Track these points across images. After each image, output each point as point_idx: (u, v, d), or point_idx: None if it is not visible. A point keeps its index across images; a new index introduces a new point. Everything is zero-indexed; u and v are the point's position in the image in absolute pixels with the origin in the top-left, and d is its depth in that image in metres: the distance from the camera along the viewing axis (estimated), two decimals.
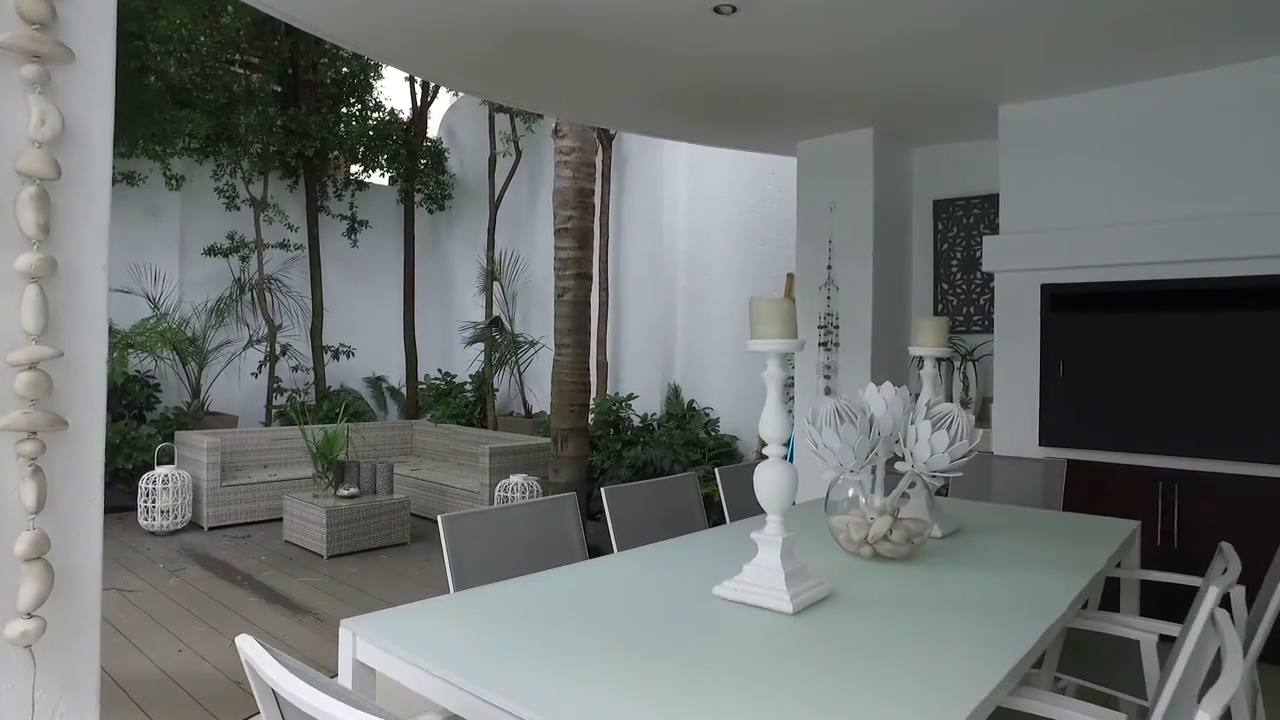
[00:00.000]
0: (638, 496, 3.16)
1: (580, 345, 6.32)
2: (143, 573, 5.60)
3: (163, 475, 6.60)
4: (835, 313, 5.90)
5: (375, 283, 10.32)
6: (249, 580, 5.46)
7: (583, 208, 6.32)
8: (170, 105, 7.28)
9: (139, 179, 8.08)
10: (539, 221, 9.24)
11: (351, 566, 5.84)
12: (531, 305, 9.06)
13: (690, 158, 8.07)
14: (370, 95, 9.62)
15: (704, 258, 7.96)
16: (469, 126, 10.40)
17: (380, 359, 10.25)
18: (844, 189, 5.85)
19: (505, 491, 6.59)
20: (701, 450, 7.26)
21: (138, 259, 8.31)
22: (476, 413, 8.84)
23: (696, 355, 7.99)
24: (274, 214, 8.96)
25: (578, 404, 6.26)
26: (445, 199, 10.18)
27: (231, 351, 8.61)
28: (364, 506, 6.19)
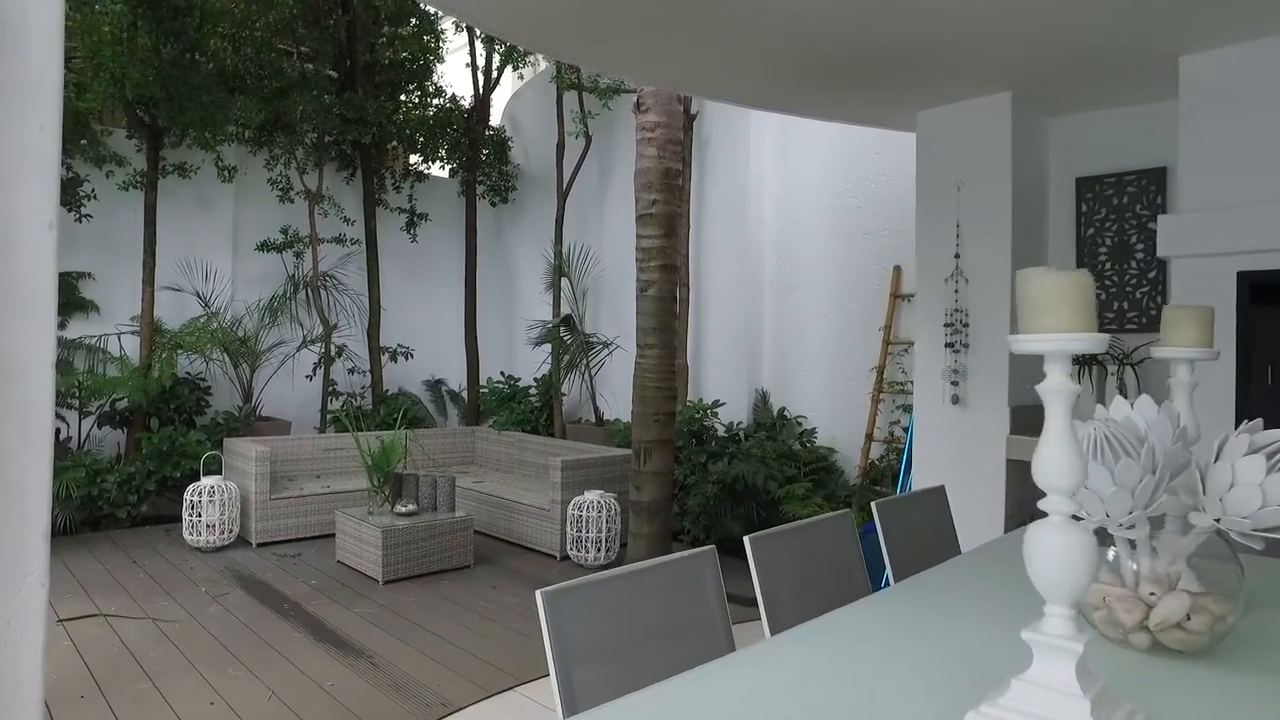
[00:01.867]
0: (786, 546, 2.39)
1: (666, 346, 5.58)
2: (183, 597, 5.04)
3: (209, 487, 6.07)
4: (964, 309, 5.06)
5: (434, 280, 9.75)
6: (296, 610, 4.85)
7: (669, 190, 5.58)
8: (220, 88, 6.77)
9: (190, 170, 7.62)
10: (609, 213, 8.55)
11: (409, 594, 5.20)
12: (602, 303, 8.37)
13: (778, 141, 7.28)
14: (430, 81, 9.05)
15: (794, 251, 7.16)
16: (534, 114, 9.76)
17: (439, 361, 9.66)
18: (975, 165, 5.01)
19: (579, 509, 5.89)
20: (796, 464, 6.46)
21: (188, 254, 7.85)
22: (542, 419, 8.17)
23: (787, 358, 7.19)
24: (329, 206, 8.43)
25: (663, 413, 5.53)
26: (509, 190, 9.55)
27: (285, 353, 8.11)
28: (423, 526, 5.55)
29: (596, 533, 5.84)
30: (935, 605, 2.10)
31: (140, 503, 6.85)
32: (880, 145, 6.56)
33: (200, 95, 6.61)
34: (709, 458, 6.74)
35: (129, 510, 6.74)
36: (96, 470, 6.55)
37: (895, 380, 6.36)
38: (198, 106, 6.65)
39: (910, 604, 2.14)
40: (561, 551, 6.08)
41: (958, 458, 5.06)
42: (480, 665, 4.07)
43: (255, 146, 8.14)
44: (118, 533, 6.65)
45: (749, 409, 7.27)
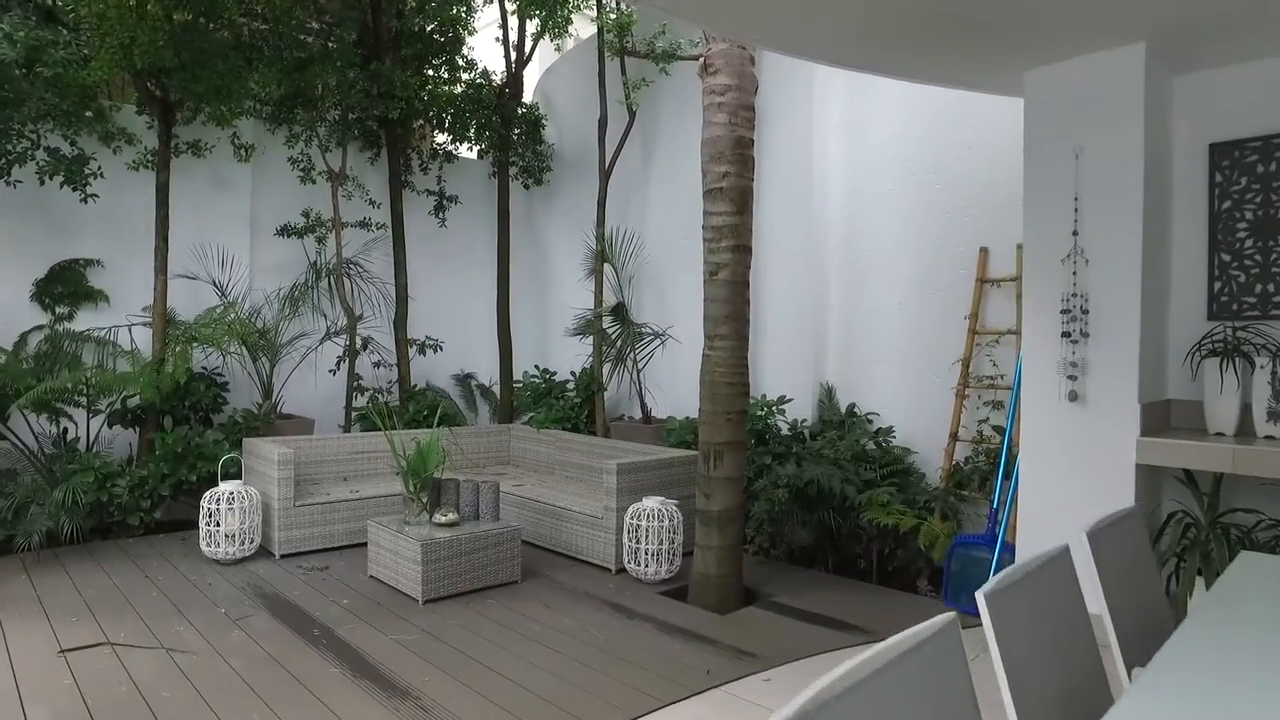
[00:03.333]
0: (1026, 599, 1.78)
1: (738, 337, 4.97)
2: (200, 620, 4.47)
3: (227, 493, 5.51)
4: (1084, 293, 4.42)
5: (463, 267, 9.16)
6: (327, 636, 4.27)
7: (741, 162, 4.96)
8: (236, 55, 6.17)
9: (205, 148, 7.05)
10: (654, 194, 7.93)
11: (454, 616, 4.62)
12: (645, 291, 7.75)
13: (846, 112, 6.63)
14: (460, 54, 8.44)
15: (865, 233, 6.52)
16: (569, 90, 9.14)
17: (469, 353, 9.08)
18: (1098, 130, 4.37)
19: (637, 518, 5.29)
20: (872, 466, 5.84)
21: (203, 239, 7.28)
22: (583, 416, 7.58)
23: (856, 351, 6.56)
24: (353, 188, 7.84)
25: (735, 412, 4.92)
26: (543, 171, 8.93)
27: (307, 345, 7.54)
28: (467, 538, 4.97)
29: (657, 544, 5.25)
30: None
31: (154, 509, 6.30)
32: (962, 114, 5.92)
33: (214, 63, 6.03)
34: (774, 459, 6.13)
35: (141, 517, 6.20)
36: (106, 474, 6.01)
37: (984, 374, 5.73)
38: (212, 75, 6.06)
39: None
40: (617, 564, 5.50)
41: (1075, 463, 4.44)
42: (547, 710, 3.48)
43: (274, 124, 7.55)
44: (129, 542, 6.11)
45: (813, 406, 6.65)
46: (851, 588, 5.38)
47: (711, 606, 4.87)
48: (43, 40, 5.25)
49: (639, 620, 4.63)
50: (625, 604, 4.91)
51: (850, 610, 4.85)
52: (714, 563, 4.93)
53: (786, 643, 4.33)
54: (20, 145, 6.05)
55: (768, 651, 4.18)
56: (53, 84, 5.77)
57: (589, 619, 4.61)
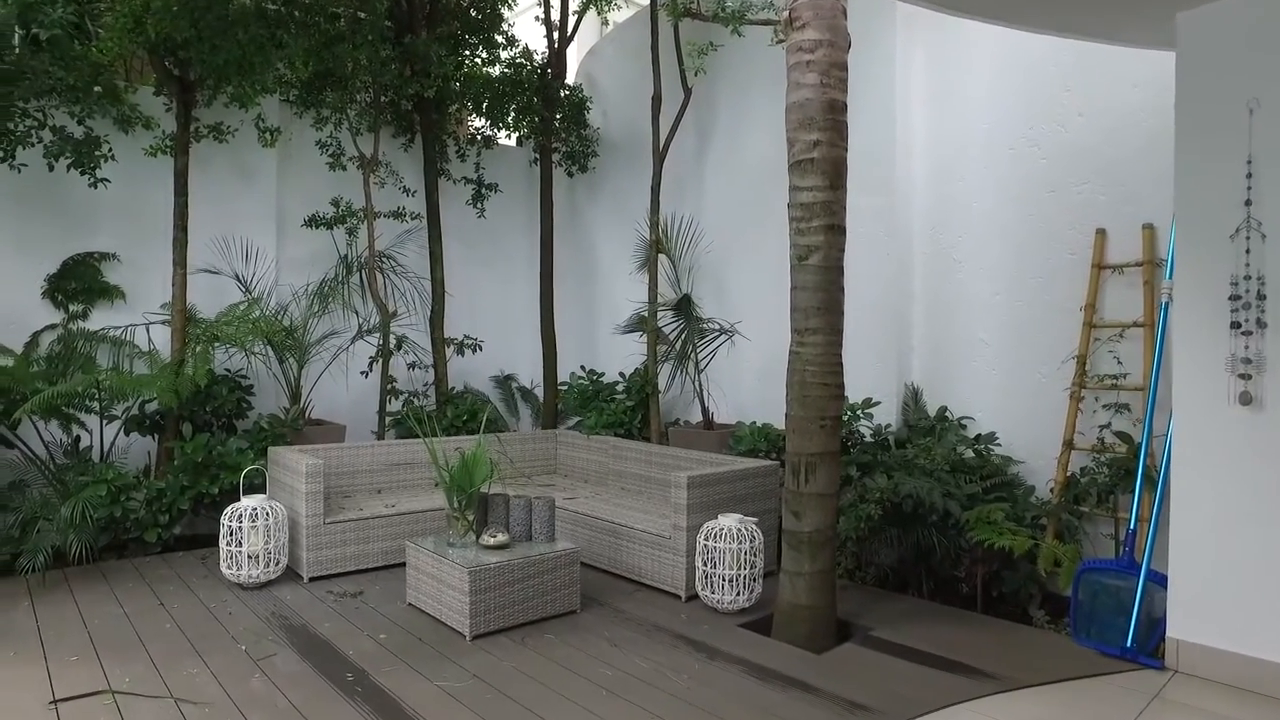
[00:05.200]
0: None
1: (832, 331, 4.29)
2: (217, 660, 3.87)
3: (250, 509, 4.92)
4: (1260, 274, 3.70)
5: (503, 260, 8.56)
6: (362, 682, 3.65)
7: (834, 129, 4.28)
8: (259, 23, 5.59)
9: (227, 132, 6.51)
10: (710, 179, 7.26)
11: (507, 655, 3.98)
12: (702, 284, 7.08)
13: (931, 80, 5.93)
14: (498, 32, 7.84)
15: (953, 215, 5.81)
16: (614, 71, 8.51)
17: (509, 353, 8.47)
18: None
19: (711, 538, 4.62)
20: (972, 478, 5.13)
21: (226, 231, 6.73)
22: (636, 421, 6.92)
23: (945, 347, 5.84)
24: (386, 174, 7.26)
25: (829, 417, 4.24)
26: (588, 157, 8.30)
27: (337, 345, 6.96)
28: (520, 563, 4.33)
29: (735, 569, 4.58)
30: None
31: (172, 524, 5.75)
32: (1073, 77, 5.19)
33: (235, 32, 5.45)
34: (859, 470, 5.44)
35: (159, 534, 5.65)
36: (121, 486, 5.46)
37: (1105, 373, 4.99)
38: (233, 45, 5.49)
39: None
40: (688, 589, 4.83)
41: (1247, 476, 3.72)
42: None
43: (301, 107, 7.00)
44: (146, 561, 5.56)
45: (897, 409, 5.94)
46: (956, 618, 4.67)
47: (802, 643, 4.19)
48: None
49: (722, 661, 3.96)
50: (703, 640, 4.24)
51: (964, 647, 4.14)
52: (804, 591, 4.25)
53: (901, 690, 3.64)
54: (24, 124, 5.52)
55: (883, 703, 3.50)
56: (56, 55, 5.24)
57: (665, 660, 3.95)
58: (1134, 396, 4.82)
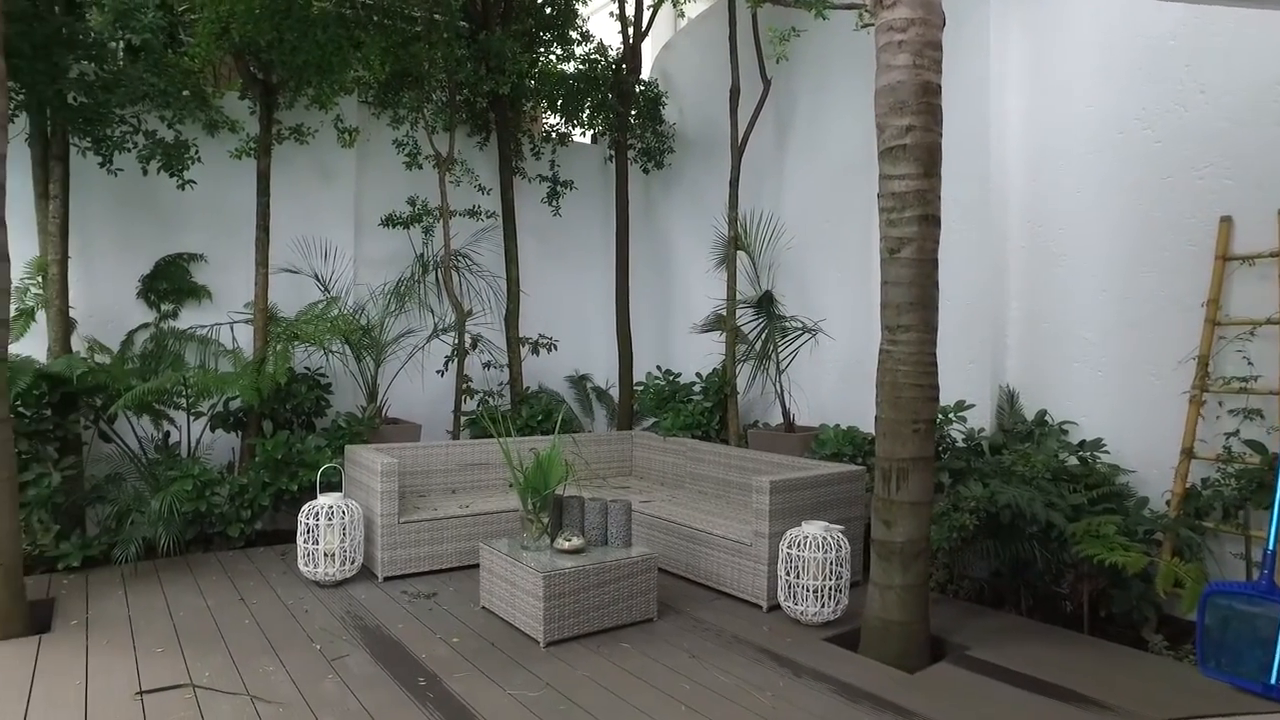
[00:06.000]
0: None
1: (926, 329, 4.02)
2: (292, 659, 3.85)
3: (327, 507, 4.92)
4: None
5: (577, 259, 8.48)
6: (434, 688, 3.56)
7: (928, 112, 4.02)
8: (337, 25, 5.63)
9: (308, 133, 6.59)
10: (790, 173, 7.02)
11: (582, 664, 3.84)
12: (782, 281, 6.83)
13: (1029, 56, 5.55)
14: (573, 28, 7.75)
15: (1053, 204, 5.42)
16: (689, 66, 8.34)
17: (583, 352, 8.39)
18: None
19: (795, 546, 4.40)
20: (1076, 488, 4.75)
21: (306, 230, 6.83)
22: (713, 423, 6.72)
23: (1044, 347, 5.46)
24: (461, 173, 7.26)
25: (922, 420, 3.98)
26: (664, 153, 8.14)
27: (413, 344, 6.98)
28: (595, 568, 4.19)
29: (820, 579, 4.34)
30: None
31: (254, 520, 5.82)
32: (1195, 51, 4.76)
33: (314, 33, 5.49)
34: (952, 477, 5.12)
35: (242, 528, 5.73)
36: (206, 482, 5.56)
37: (1232, 375, 4.55)
38: (312, 47, 5.54)
39: None
40: (770, 600, 4.61)
41: None
42: None
43: (379, 107, 7.05)
44: (229, 555, 5.64)
45: (991, 412, 5.59)
46: (1060, 639, 4.32)
47: (893, 660, 3.93)
48: (132, 4, 4.80)
49: (808, 679, 3.74)
50: (787, 654, 4.02)
51: (1071, 672, 3.82)
52: (895, 605, 3.98)
53: (1005, 717, 3.35)
54: (121, 130, 5.70)
55: None
56: (150, 62, 5.40)
57: (748, 675, 3.75)
58: (1266, 401, 4.38)
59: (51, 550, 5.15)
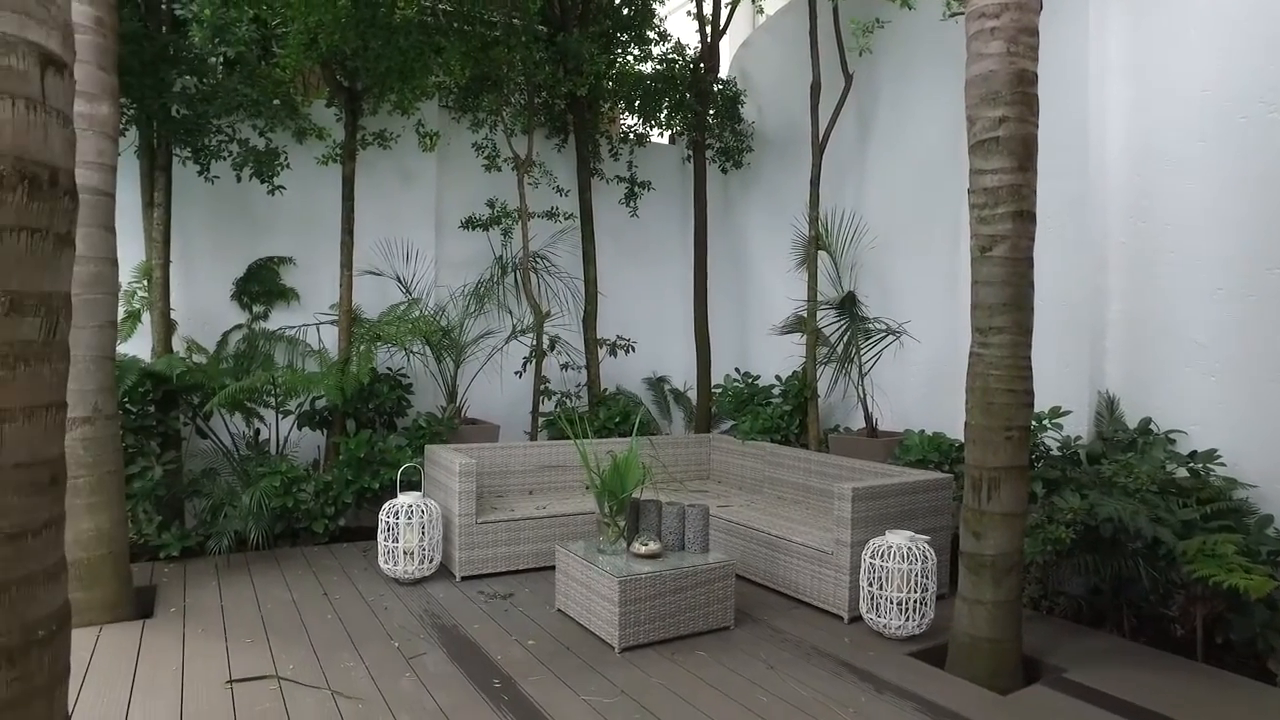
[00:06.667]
0: None
1: (1020, 331, 3.81)
2: (372, 655, 3.91)
3: (406, 506, 5.00)
4: None
5: (655, 260, 8.44)
6: (509, 690, 3.55)
7: (1023, 102, 3.81)
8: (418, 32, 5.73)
9: (390, 138, 6.74)
10: (872, 171, 6.80)
11: (657, 671, 3.78)
12: (864, 282, 6.63)
13: (1132, 45, 5.21)
14: (650, 28, 7.71)
15: (1160, 199, 5.07)
16: (768, 63, 8.20)
17: (661, 354, 8.34)
18: None
19: (878, 556, 4.23)
20: (1186, 502, 4.43)
21: (389, 233, 6.99)
22: (793, 426, 6.57)
23: (1149, 350, 5.12)
24: (540, 174, 7.30)
25: (1016, 427, 3.77)
26: (743, 152, 8.02)
27: (492, 345, 7.06)
28: (672, 574, 4.12)
29: (905, 591, 4.16)
30: None
31: (337, 516, 5.97)
32: None
33: (398, 39, 5.61)
34: (1045, 486, 4.85)
35: (326, 525, 5.88)
36: (293, 479, 5.73)
37: None
38: (395, 53, 5.66)
39: None
40: (850, 610, 4.46)
41: None
42: None
43: (459, 111, 7.17)
44: (313, 550, 5.80)
45: (1088, 419, 5.28)
46: (1170, 665, 4.03)
47: (983, 680, 3.73)
48: (228, 19, 5.00)
49: (892, 695, 3.58)
50: (868, 668, 3.87)
51: (1184, 702, 3.55)
52: (985, 622, 3.79)
53: None
54: (217, 139, 5.95)
55: None
56: (244, 74, 5.62)
57: (827, 689, 3.61)
58: None
59: (154, 540, 5.40)
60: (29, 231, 1.76)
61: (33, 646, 1.76)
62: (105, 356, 4.36)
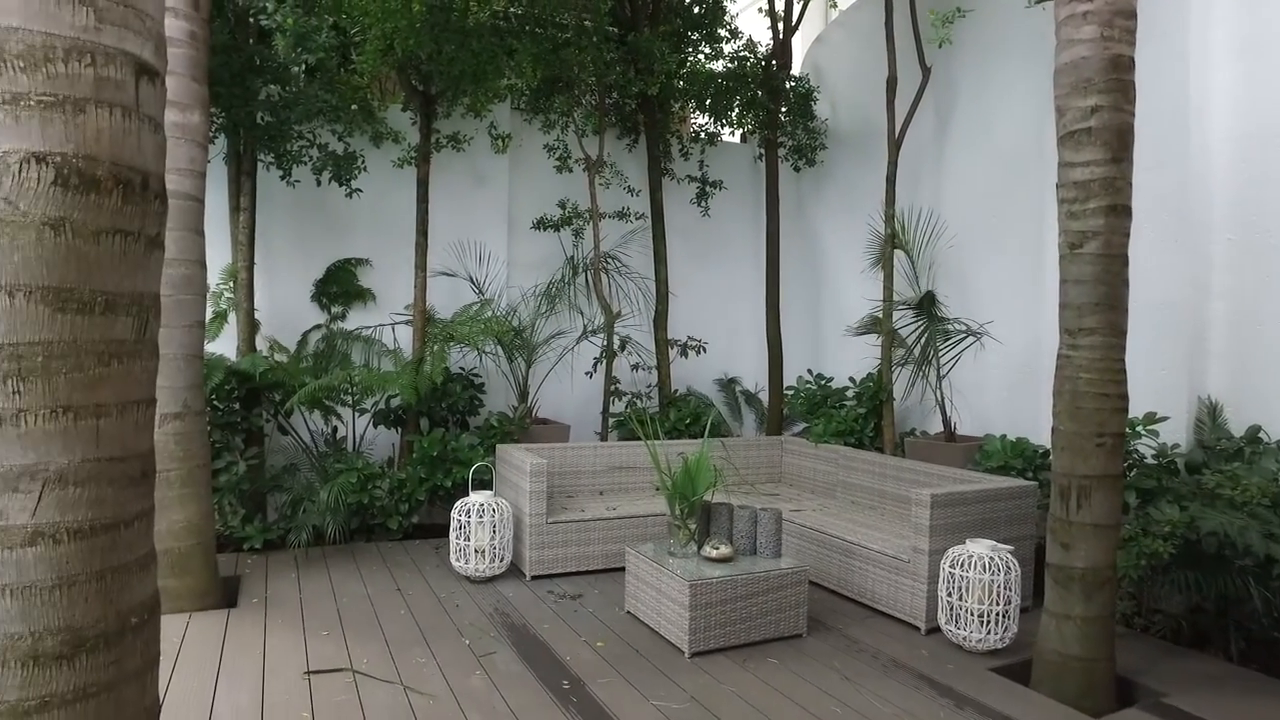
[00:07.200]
0: None
1: (1113, 332, 3.62)
2: (443, 652, 3.95)
3: (478, 504, 5.05)
4: None
5: (726, 260, 8.35)
6: (578, 692, 3.54)
7: (1119, 90, 3.61)
8: (491, 34, 5.79)
9: (464, 140, 6.83)
10: (949, 168, 6.58)
11: (728, 678, 3.71)
12: (942, 282, 6.41)
13: (1239, 26, 4.89)
14: (721, 25, 7.63)
15: (1275, 189, 4.75)
16: (842, 58, 8.02)
17: (732, 355, 8.25)
18: None
19: (958, 566, 4.08)
20: None
21: (462, 235, 7.08)
22: (868, 430, 6.40)
23: (1258, 352, 4.80)
24: (611, 175, 7.30)
25: (1108, 433, 3.58)
26: (816, 150, 7.87)
27: (563, 345, 7.09)
28: (744, 579, 4.05)
29: (987, 603, 4.00)
30: None
31: (411, 513, 6.08)
32: None
33: (471, 43, 5.68)
34: (1141, 497, 4.59)
35: (400, 521, 6.00)
36: (368, 475, 5.86)
37: None
38: (469, 56, 5.73)
39: None
40: (928, 621, 4.30)
41: None
42: None
43: (530, 113, 7.23)
44: (388, 546, 5.92)
45: (1187, 426, 4.98)
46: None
47: (1071, 700, 3.55)
48: (309, 28, 5.14)
49: (973, 712, 3.44)
50: (949, 683, 3.72)
51: None
52: (1075, 639, 3.60)
53: None
54: (298, 144, 6.13)
55: None
56: (324, 80, 5.79)
57: (905, 703, 3.49)
58: None
59: (238, 532, 5.59)
60: (122, 234, 1.81)
61: (126, 633, 1.82)
62: (194, 355, 4.53)
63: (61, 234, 1.72)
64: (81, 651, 1.75)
